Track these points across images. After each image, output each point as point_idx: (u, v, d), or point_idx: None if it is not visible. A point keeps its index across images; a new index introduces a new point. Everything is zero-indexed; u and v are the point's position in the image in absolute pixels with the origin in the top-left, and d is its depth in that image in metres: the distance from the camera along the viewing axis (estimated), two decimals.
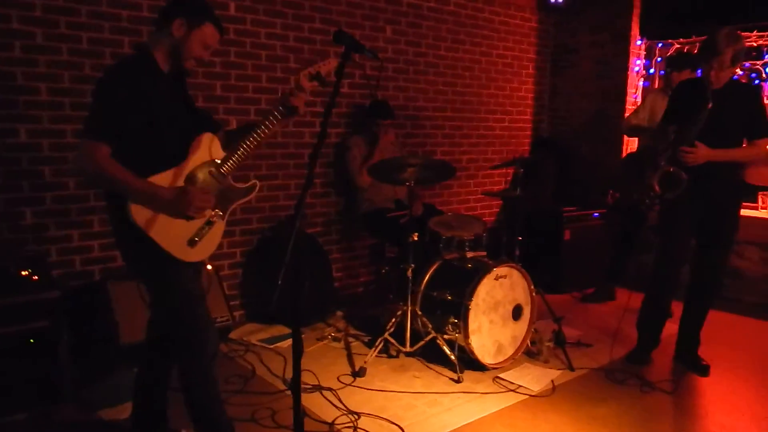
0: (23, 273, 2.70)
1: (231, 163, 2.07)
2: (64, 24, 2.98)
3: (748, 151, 2.94)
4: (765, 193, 4.38)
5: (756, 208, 4.40)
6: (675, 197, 2.90)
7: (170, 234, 1.94)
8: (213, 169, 2.04)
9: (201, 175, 2.01)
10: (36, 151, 3.00)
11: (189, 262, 2.02)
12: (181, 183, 1.96)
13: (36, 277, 2.70)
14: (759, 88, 3.05)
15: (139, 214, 1.88)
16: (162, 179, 1.93)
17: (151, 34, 1.98)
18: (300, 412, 1.87)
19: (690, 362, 3.20)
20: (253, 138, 2.06)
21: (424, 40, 4.41)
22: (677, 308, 3.27)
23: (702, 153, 2.84)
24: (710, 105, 2.78)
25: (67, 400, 2.62)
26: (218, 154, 2.07)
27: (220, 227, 2.08)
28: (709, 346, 3.36)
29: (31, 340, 2.55)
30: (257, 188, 2.16)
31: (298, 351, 1.81)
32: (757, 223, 4.29)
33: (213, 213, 2.04)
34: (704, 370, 3.13)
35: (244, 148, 2.06)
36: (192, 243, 1.99)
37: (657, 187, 2.95)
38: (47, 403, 2.57)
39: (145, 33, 3.18)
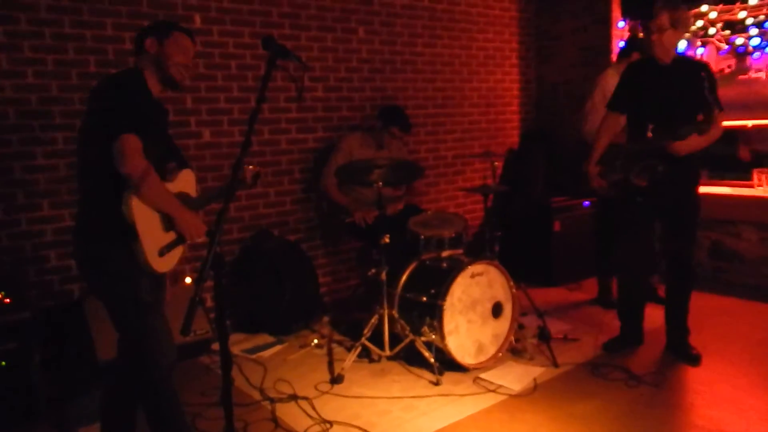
0: None
1: (202, 203, 2.27)
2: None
3: (712, 134, 2.80)
4: (760, 170, 4.23)
5: (751, 186, 4.24)
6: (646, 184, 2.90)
7: (150, 237, 1.96)
8: (189, 202, 2.15)
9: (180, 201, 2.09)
10: (8, 174, 3.04)
11: (149, 273, 2.02)
12: None
13: (8, 300, 2.73)
14: (707, 64, 2.99)
15: (138, 208, 1.90)
16: None
17: (135, 62, 2.10)
18: (231, 425, 1.84)
19: (679, 352, 3.10)
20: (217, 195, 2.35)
21: (399, 38, 4.36)
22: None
23: (686, 146, 2.78)
24: (659, 81, 2.81)
25: (41, 420, 2.65)
26: (192, 191, 2.24)
27: (181, 249, 2.14)
28: (703, 333, 3.27)
29: (2, 363, 2.58)
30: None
31: (226, 364, 1.79)
32: (753, 203, 4.13)
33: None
34: (694, 360, 3.03)
35: (210, 197, 2.35)
36: (161, 253, 2.02)
37: (640, 181, 2.91)
38: (22, 424, 2.60)
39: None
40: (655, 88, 2.88)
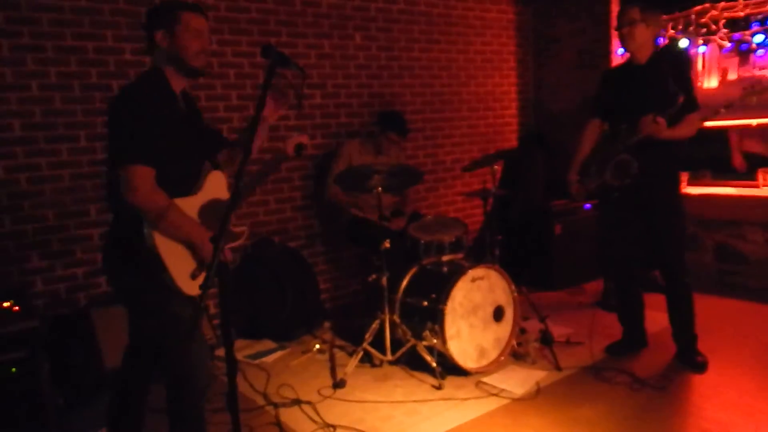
0: (5, 304, 2.77)
1: (238, 200, 2.13)
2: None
3: (687, 129, 2.79)
4: (765, 170, 4.21)
5: (756, 186, 4.21)
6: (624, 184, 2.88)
7: (179, 264, 1.92)
8: (219, 208, 2.04)
9: (209, 212, 2.02)
10: (15, 185, 3.07)
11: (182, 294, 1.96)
12: (193, 214, 1.97)
13: (17, 308, 2.76)
14: (685, 58, 2.97)
15: (161, 239, 1.86)
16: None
17: (152, 60, 1.99)
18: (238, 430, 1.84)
19: (685, 358, 3.03)
20: (254, 185, 2.18)
21: (396, 43, 4.37)
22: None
23: (653, 124, 2.73)
24: (632, 82, 2.81)
25: (51, 427, 2.66)
26: (225, 194, 2.10)
27: None
28: (709, 336, 3.22)
29: (13, 370, 2.61)
30: (246, 234, 2.20)
31: (232, 370, 1.79)
32: (758, 203, 4.09)
33: None
34: (699, 367, 2.95)
35: (246, 194, 2.13)
36: (193, 276, 1.98)
37: (615, 182, 2.91)
38: (30, 430, 2.61)
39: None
40: (628, 90, 2.88)
